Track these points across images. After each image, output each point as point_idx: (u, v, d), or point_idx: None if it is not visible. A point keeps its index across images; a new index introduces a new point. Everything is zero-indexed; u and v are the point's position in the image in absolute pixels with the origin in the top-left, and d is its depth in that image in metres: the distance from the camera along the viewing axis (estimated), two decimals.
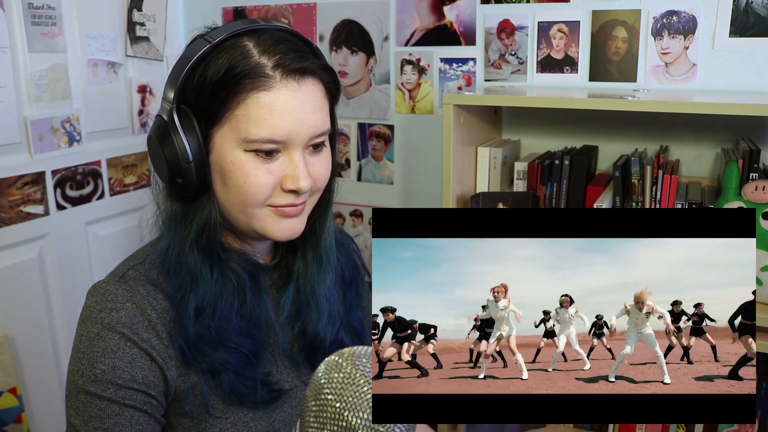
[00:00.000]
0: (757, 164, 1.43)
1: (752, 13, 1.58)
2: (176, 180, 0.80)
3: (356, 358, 0.64)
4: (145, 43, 2.11)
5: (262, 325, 0.86)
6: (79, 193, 1.94)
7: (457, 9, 1.90)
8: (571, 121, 1.82)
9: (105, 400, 0.77)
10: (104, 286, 0.81)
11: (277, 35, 0.79)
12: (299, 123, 0.78)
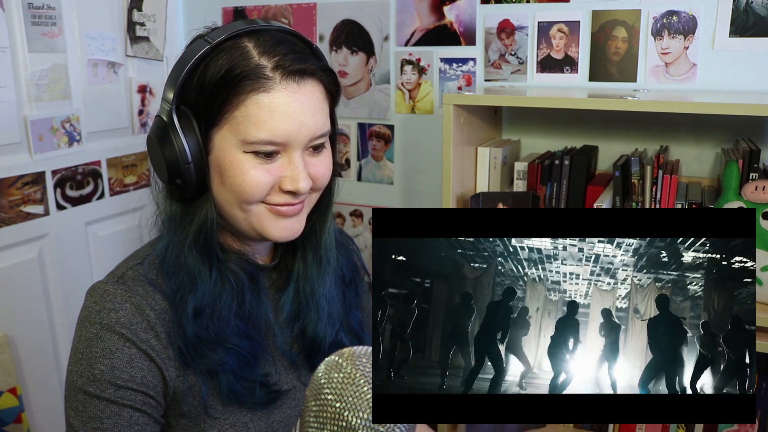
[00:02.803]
0: (757, 164, 1.42)
1: (752, 13, 1.58)
2: (175, 181, 0.80)
3: (356, 358, 0.64)
4: (145, 43, 2.11)
5: (260, 326, 0.86)
6: (79, 193, 1.94)
7: (457, 9, 1.90)
8: (571, 121, 1.82)
9: (104, 400, 0.77)
10: (103, 287, 0.81)
11: (277, 36, 0.79)
12: (299, 124, 0.78)
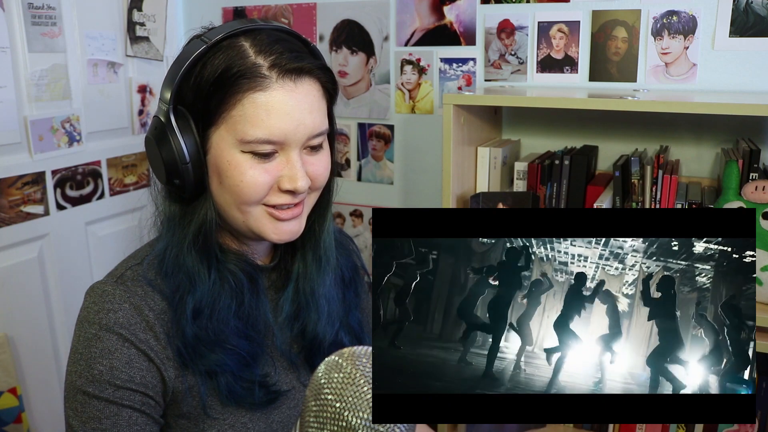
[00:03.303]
0: (757, 164, 1.42)
1: (752, 13, 1.58)
2: (174, 181, 0.79)
3: (356, 358, 0.64)
4: (145, 43, 2.11)
5: (260, 326, 0.86)
6: (79, 193, 1.94)
7: (457, 9, 1.90)
8: (571, 121, 1.82)
9: (103, 400, 0.77)
10: (102, 287, 0.81)
11: (273, 35, 0.79)
12: (296, 123, 0.77)
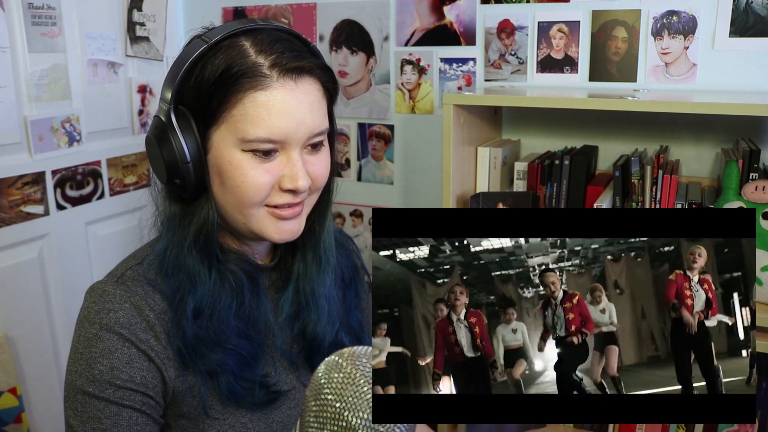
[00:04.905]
0: (757, 164, 1.42)
1: (752, 13, 1.58)
2: (174, 181, 0.79)
3: (356, 358, 0.64)
4: (145, 43, 2.11)
5: (260, 326, 0.86)
6: (79, 193, 1.94)
7: (457, 9, 1.90)
8: (571, 121, 1.82)
9: (103, 400, 0.77)
10: (102, 287, 0.81)
11: (274, 35, 0.79)
12: (296, 122, 0.77)
